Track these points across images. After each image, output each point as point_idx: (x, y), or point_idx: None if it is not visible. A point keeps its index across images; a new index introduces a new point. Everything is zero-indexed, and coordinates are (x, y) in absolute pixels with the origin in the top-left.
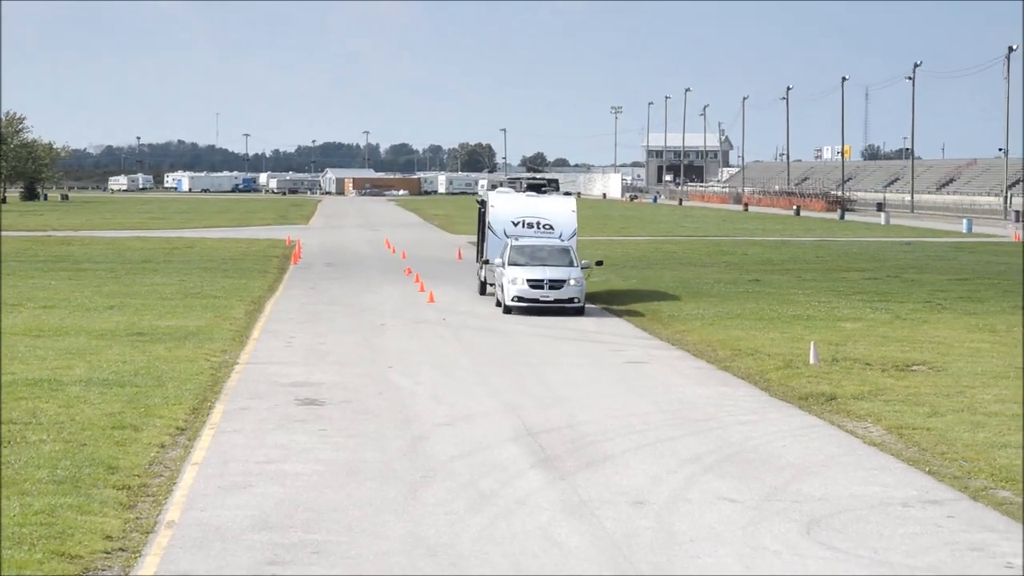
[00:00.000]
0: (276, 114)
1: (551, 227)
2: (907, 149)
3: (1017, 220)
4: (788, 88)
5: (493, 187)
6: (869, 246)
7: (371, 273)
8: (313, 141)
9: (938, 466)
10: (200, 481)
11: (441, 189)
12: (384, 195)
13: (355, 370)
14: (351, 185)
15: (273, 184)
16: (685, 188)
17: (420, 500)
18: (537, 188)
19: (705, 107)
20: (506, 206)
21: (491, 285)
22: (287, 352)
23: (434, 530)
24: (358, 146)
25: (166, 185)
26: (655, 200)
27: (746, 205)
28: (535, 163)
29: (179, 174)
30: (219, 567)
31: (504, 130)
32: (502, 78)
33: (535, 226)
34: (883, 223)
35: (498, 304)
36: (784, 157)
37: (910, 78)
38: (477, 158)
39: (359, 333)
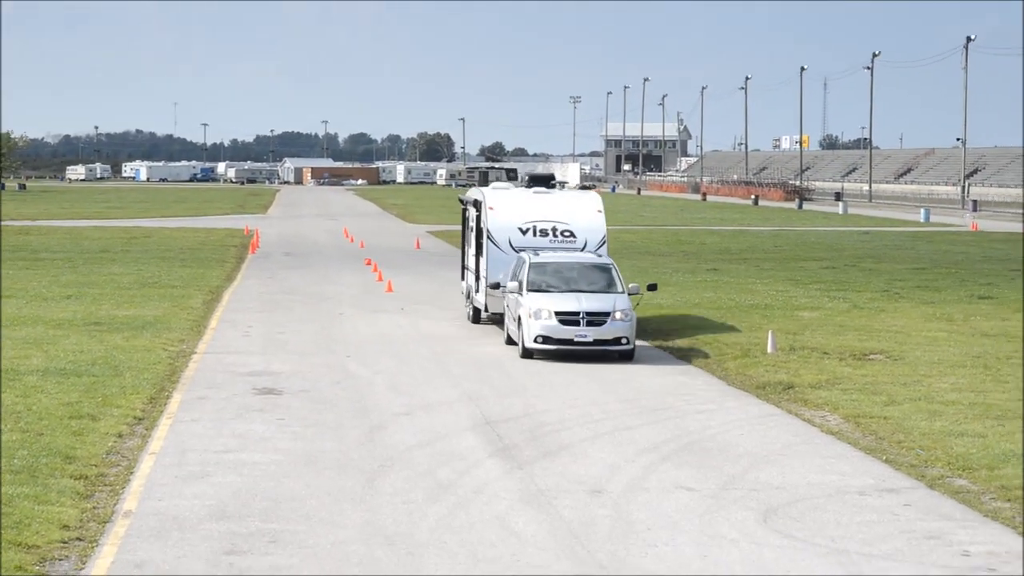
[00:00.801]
0: (235, 104)
1: (571, 234)
2: (865, 139)
3: (975, 210)
4: (747, 78)
5: (475, 176)
6: (827, 235)
7: (330, 262)
8: (272, 131)
9: (895, 455)
10: (158, 471)
11: (400, 179)
12: (343, 184)
13: (313, 359)
14: (309, 174)
15: (231, 174)
16: (643, 178)
17: (378, 489)
18: (545, 182)
19: (664, 97)
20: (510, 208)
21: (485, 311)
22: (245, 341)
23: (392, 519)
24: (317, 135)
25: (124, 175)
26: (613, 190)
27: (704, 195)
28: (494, 152)
29: (137, 164)
30: (176, 556)
31: (463, 120)
32: (461, 68)
33: (550, 233)
34: (841, 212)
35: (508, 341)
36: (743, 147)
37: (868, 68)
38: (436, 147)
39: (317, 322)
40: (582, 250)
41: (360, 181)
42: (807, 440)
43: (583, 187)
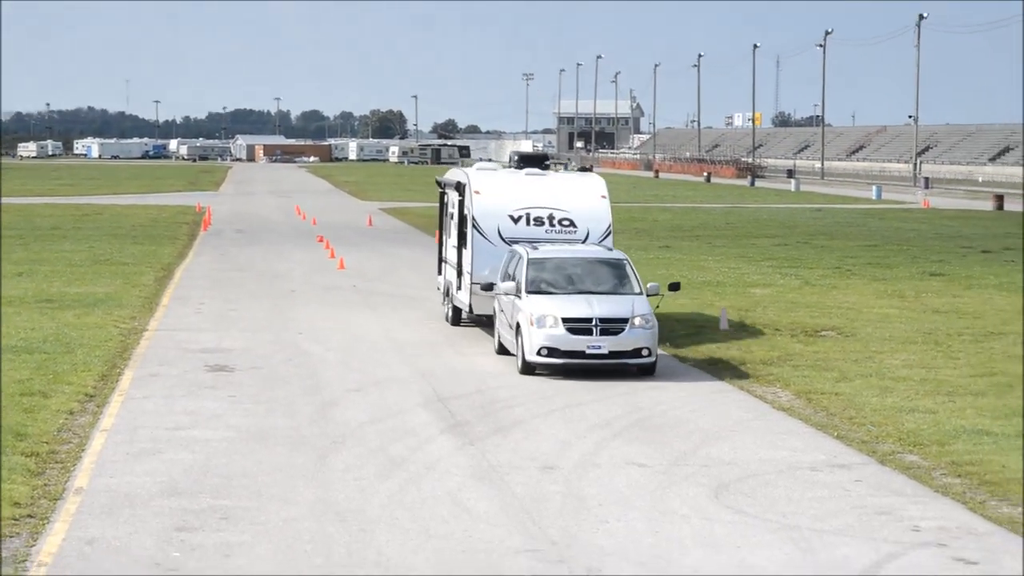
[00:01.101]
0: (187, 81)
1: (571, 223)
2: (818, 116)
3: (927, 187)
4: (699, 56)
5: (427, 153)
6: (779, 213)
7: (282, 240)
8: (224, 108)
9: (846, 431)
10: (109, 448)
11: (352, 156)
12: (295, 162)
13: (265, 336)
14: (262, 152)
15: (183, 151)
16: (596, 155)
17: (329, 466)
18: (538, 162)
19: (617, 74)
20: (499, 192)
21: (469, 312)
22: (197, 318)
23: (343, 495)
24: (269, 113)
25: (76, 152)
26: (566, 167)
27: (657, 172)
28: (446, 130)
29: (89, 141)
30: (128, 533)
31: (415, 97)
32: (414, 45)
33: (546, 222)
34: (793, 190)
35: (500, 351)
36: (695, 124)
37: (821, 46)
38: (388, 125)
39: (269, 299)
40: (584, 241)
41: (312, 158)
42: (759, 416)
43: (582, 169)
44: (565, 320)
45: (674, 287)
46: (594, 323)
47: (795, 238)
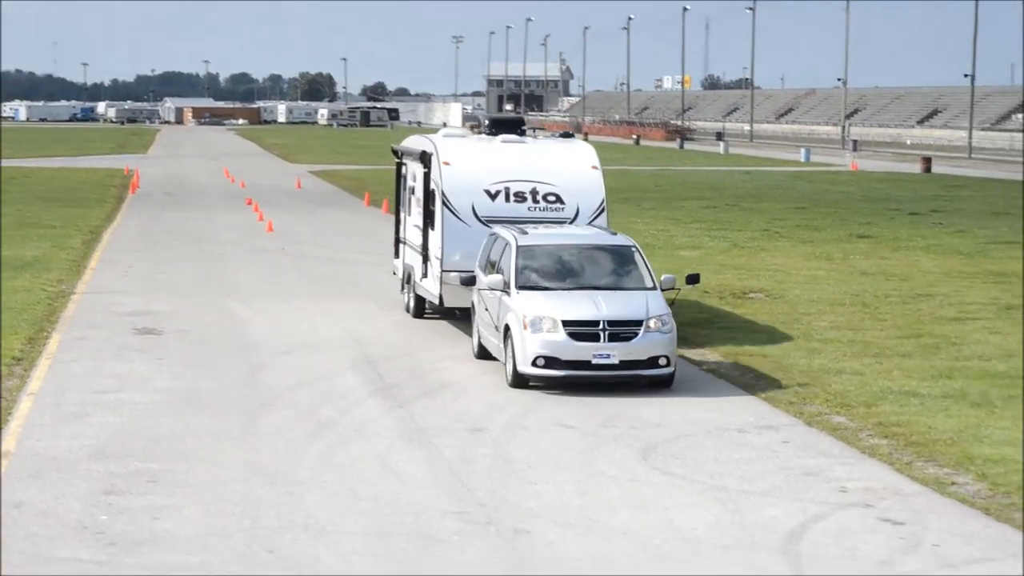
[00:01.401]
0: (115, 43)
1: (557, 199)
2: (747, 79)
3: (855, 149)
4: (629, 18)
5: (356, 116)
6: (708, 175)
7: (210, 202)
8: (152, 70)
9: (774, 392)
10: (36, 411)
11: (281, 119)
12: (224, 124)
13: (194, 299)
14: (190, 114)
15: (112, 113)
16: (525, 117)
17: (258, 428)
18: (514, 127)
19: (546, 37)
20: (472, 164)
21: (440, 304)
22: (125, 282)
23: (272, 458)
24: (198, 76)
25: (3, 114)
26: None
27: (586, 134)
28: (376, 93)
29: (16, 103)
30: (55, 497)
31: (345, 60)
32: (343, 8)
33: (529, 198)
34: (722, 152)
35: (481, 354)
36: (624, 87)
37: (751, 8)
38: (318, 87)
39: (198, 262)
40: (573, 220)
41: (241, 121)
42: (687, 378)
43: (564, 134)
44: (566, 323)
45: (692, 280)
46: (602, 326)
47: (724, 200)
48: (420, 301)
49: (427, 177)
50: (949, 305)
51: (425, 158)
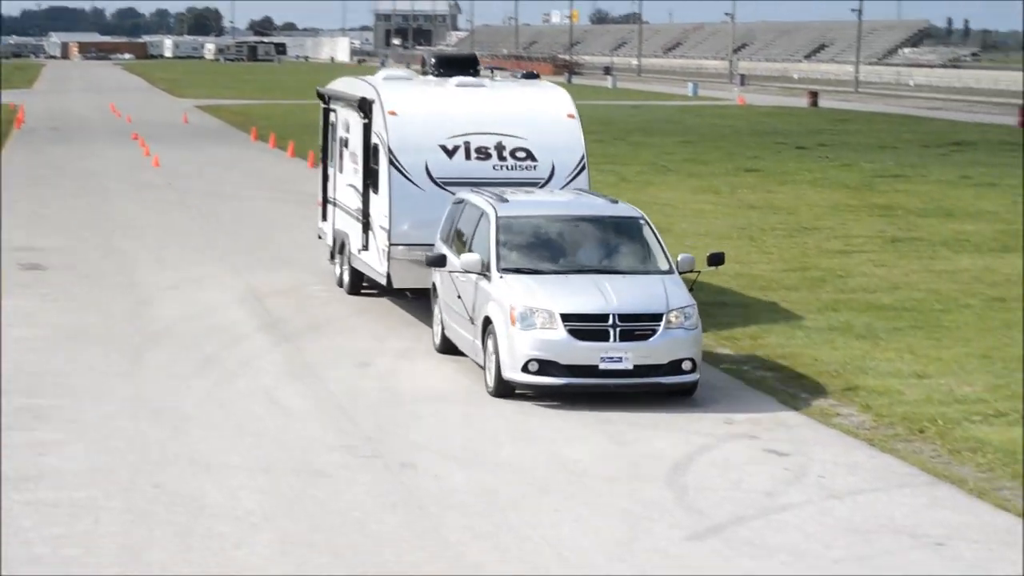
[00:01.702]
0: None
1: (528, 155)
2: (635, 13)
3: (742, 84)
4: None
5: (243, 51)
6: (596, 109)
7: (97, 138)
8: (38, 5)
9: None
10: None
11: (167, 53)
12: (110, 59)
13: (79, 234)
14: (76, 49)
15: None
16: (413, 51)
17: (144, 364)
18: (467, 66)
19: None
20: (423, 113)
21: (388, 284)
22: (9, 217)
23: (158, 393)
24: (84, 10)
25: None
26: (383, 64)
27: None
28: (263, 27)
29: None
30: None
31: None
32: None
33: (495, 154)
34: (610, 87)
35: (444, 347)
36: (513, 21)
37: None
38: (204, 22)
39: (84, 197)
40: (548, 181)
41: (128, 56)
42: None
43: (527, 75)
44: (566, 317)
45: (716, 260)
46: (611, 321)
47: (611, 134)
48: (357, 276)
49: (367, 129)
50: (835, 238)
51: (365, 106)
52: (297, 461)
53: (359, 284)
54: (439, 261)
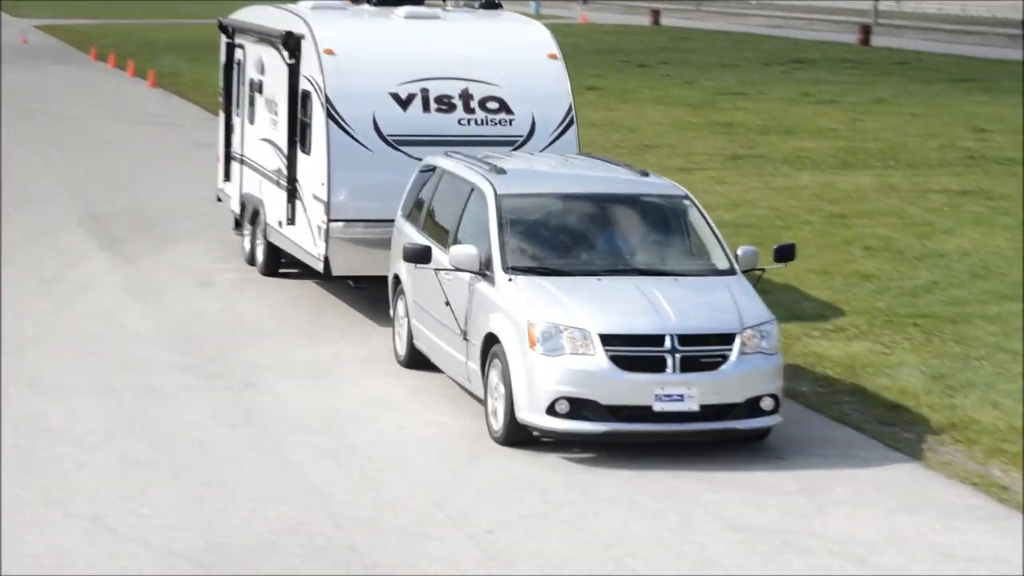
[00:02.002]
0: None
1: (502, 106)
2: None
3: (585, 2)
4: None
5: None
6: None
7: None
8: None
9: None
10: None
11: None
12: None
13: None
14: None
15: None
16: None
17: None
18: None
19: None
20: (367, 53)
21: (326, 271)
22: None
23: None
24: None
25: None
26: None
27: None
28: None
29: None
30: None
31: None
32: None
33: (460, 105)
34: None
35: (409, 360)
36: None
37: None
38: None
39: None
40: (527, 140)
41: None
42: None
43: (488, 5)
44: (608, 339)
45: (786, 254)
46: (668, 345)
47: None
48: (274, 252)
49: (294, 72)
50: (676, 156)
51: (291, 42)
52: (137, 381)
53: (277, 262)
54: (422, 255)
